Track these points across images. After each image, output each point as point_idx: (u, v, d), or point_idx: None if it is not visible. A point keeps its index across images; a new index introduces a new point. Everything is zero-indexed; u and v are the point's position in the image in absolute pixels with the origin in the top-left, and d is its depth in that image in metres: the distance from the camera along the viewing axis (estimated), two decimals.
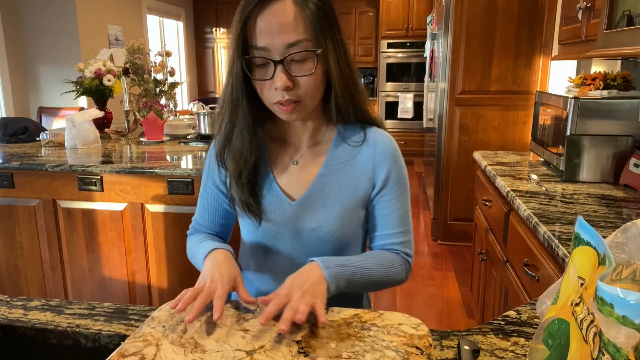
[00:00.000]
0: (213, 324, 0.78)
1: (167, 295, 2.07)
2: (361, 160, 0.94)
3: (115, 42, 4.96)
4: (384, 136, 0.96)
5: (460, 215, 3.55)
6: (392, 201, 0.96)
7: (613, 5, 1.53)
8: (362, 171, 0.94)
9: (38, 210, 2.13)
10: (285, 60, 0.82)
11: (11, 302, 0.92)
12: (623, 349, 0.42)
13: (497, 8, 3.25)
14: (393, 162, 0.95)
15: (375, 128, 0.97)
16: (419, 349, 0.70)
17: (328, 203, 0.93)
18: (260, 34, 0.81)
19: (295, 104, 0.85)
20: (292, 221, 0.93)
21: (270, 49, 0.81)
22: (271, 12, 0.80)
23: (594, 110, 1.74)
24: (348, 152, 0.95)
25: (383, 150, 0.94)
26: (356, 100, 0.92)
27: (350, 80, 0.89)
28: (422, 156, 5.60)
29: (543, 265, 1.33)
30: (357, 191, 0.94)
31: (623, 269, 0.49)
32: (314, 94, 0.87)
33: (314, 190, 0.94)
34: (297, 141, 0.97)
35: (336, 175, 0.94)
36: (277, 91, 0.84)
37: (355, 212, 0.94)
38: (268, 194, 0.95)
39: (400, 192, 0.97)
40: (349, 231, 0.94)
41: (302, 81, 0.84)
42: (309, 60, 0.83)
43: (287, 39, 0.81)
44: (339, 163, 0.95)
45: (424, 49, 5.09)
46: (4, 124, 2.66)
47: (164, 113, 2.59)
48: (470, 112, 3.44)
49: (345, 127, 0.96)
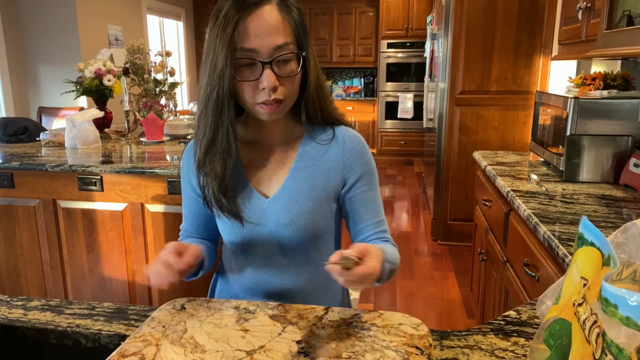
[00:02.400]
0: (213, 324, 0.78)
1: (167, 295, 2.06)
2: (331, 156, 0.99)
3: (115, 42, 4.96)
4: (352, 134, 1.02)
5: (460, 215, 3.55)
6: (367, 193, 1.01)
7: (613, 5, 1.53)
8: (332, 167, 0.99)
9: (38, 210, 2.13)
10: (273, 61, 0.86)
11: (11, 302, 0.92)
12: (626, 350, 0.42)
13: (497, 8, 3.25)
14: (363, 157, 1.01)
15: (343, 127, 1.02)
16: (419, 349, 0.70)
17: (301, 198, 0.97)
18: (248, 36, 0.85)
19: (279, 103, 0.90)
20: (267, 218, 0.97)
21: (258, 50, 0.85)
22: (259, 16, 0.85)
23: (594, 110, 1.74)
24: (317, 149, 1.00)
25: (352, 147, 1.00)
26: (324, 102, 0.98)
27: (319, 83, 0.96)
28: (422, 156, 5.60)
29: (543, 265, 1.33)
30: (327, 186, 0.99)
31: (623, 269, 0.49)
32: (294, 93, 0.93)
33: (286, 187, 0.98)
34: (269, 141, 1.01)
35: (307, 172, 0.98)
36: (263, 91, 0.88)
37: (327, 206, 0.99)
38: (243, 195, 0.98)
39: (374, 184, 1.03)
40: (321, 224, 0.99)
41: (287, 81, 0.89)
42: (292, 61, 0.89)
43: (276, 41, 0.86)
44: (310, 160, 0.99)
45: (424, 49, 5.09)
46: (4, 124, 2.66)
47: (164, 113, 2.59)
48: (470, 112, 3.44)
49: (313, 127, 1.00)
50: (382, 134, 6.63)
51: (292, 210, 0.96)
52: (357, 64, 6.95)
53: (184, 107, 6.14)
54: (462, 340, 0.77)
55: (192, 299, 0.86)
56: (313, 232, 0.98)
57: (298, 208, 0.96)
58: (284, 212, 0.96)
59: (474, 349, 0.75)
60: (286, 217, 0.96)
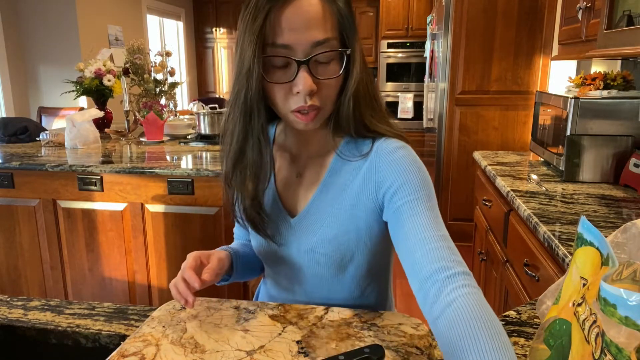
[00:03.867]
0: (213, 324, 0.78)
1: (167, 295, 2.06)
2: (362, 174, 0.82)
3: (115, 42, 4.96)
4: (390, 143, 0.81)
5: (460, 215, 3.55)
6: (415, 208, 0.74)
7: (613, 5, 1.53)
8: (362, 187, 0.81)
9: (38, 210, 2.13)
10: (310, 60, 0.72)
11: (11, 302, 0.92)
12: (625, 350, 0.42)
13: (497, 8, 3.25)
14: (400, 167, 0.78)
15: (384, 137, 0.82)
16: (419, 349, 0.70)
17: (325, 223, 0.84)
18: (282, 30, 0.71)
19: (317, 111, 0.76)
20: (289, 240, 0.87)
21: (293, 47, 0.71)
22: (297, 6, 0.71)
23: (593, 110, 1.74)
24: (349, 166, 0.84)
25: (385, 156, 0.80)
26: (360, 112, 0.80)
27: (367, 89, 0.80)
28: (422, 156, 5.58)
29: (543, 265, 1.33)
30: (355, 211, 0.82)
31: (623, 269, 0.49)
32: (334, 98, 0.78)
33: (312, 207, 0.85)
34: (303, 151, 0.88)
35: (335, 192, 0.84)
36: (297, 96, 0.74)
37: (355, 235, 0.83)
38: (271, 208, 0.88)
39: (425, 199, 0.76)
40: (347, 254, 0.84)
41: (326, 84, 0.75)
42: (334, 61, 0.75)
43: (315, 37, 0.71)
44: (339, 178, 0.84)
45: (424, 49, 5.09)
46: (4, 124, 2.66)
47: (164, 113, 2.59)
48: (470, 112, 3.44)
49: (351, 139, 0.84)
50: None
51: (314, 236, 0.84)
52: None
53: (184, 107, 6.14)
54: None
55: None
56: (337, 263, 0.84)
57: (320, 234, 0.84)
58: (305, 238, 0.85)
59: None
60: (307, 243, 0.85)
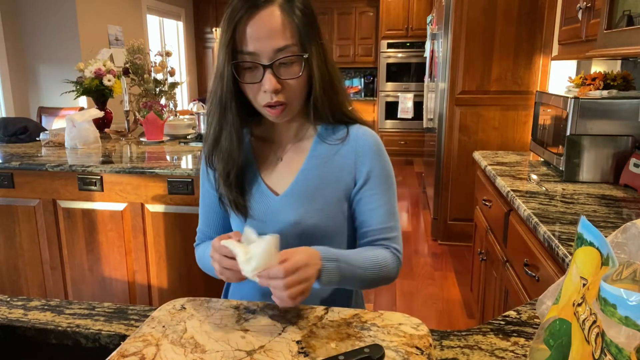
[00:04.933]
0: (213, 324, 0.78)
1: (167, 295, 2.07)
2: (342, 155, 0.97)
3: (115, 42, 4.96)
4: (366, 132, 0.99)
5: (460, 215, 3.55)
6: (376, 196, 0.97)
7: (613, 5, 1.53)
8: (343, 165, 0.97)
9: (38, 210, 2.13)
10: (273, 64, 0.85)
11: (11, 302, 0.92)
12: (625, 350, 0.42)
13: (497, 8, 3.25)
14: (375, 157, 0.97)
15: (358, 125, 0.99)
16: (419, 349, 0.70)
17: (311, 197, 0.95)
18: (249, 39, 0.85)
19: (283, 106, 0.90)
20: (276, 215, 0.96)
21: (259, 53, 0.85)
22: (260, 18, 0.84)
23: (594, 110, 1.74)
24: (329, 149, 0.98)
25: (364, 145, 0.97)
26: (335, 102, 0.95)
27: (328, 82, 0.93)
28: (422, 156, 5.60)
29: (543, 265, 1.33)
30: (338, 185, 0.96)
31: (623, 269, 0.49)
32: (299, 96, 0.91)
33: (296, 185, 0.96)
34: (282, 139, 1.01)
35: (318, 170, 0.97)
36: (266, 94, 0.88)
37: (338, 206, 0.97)
38: (254, 190, 0.98)
39: (386, 187, 0.98)
40: (332, 224, 0.96)
41: (289, 84, 0.88)
42: (295, 64, 0.87)
43: (276, 44, 0.85)
44: (321, 159, 0.97)
45: (424, 49, 5.09)
46: (4, 124, 2.66)
47: (164, 113, 2.59)
48: (470, 112, 3.44)
49: (326, 126, 0.99)
50: (382, 134, 6.63)
51: (301, 208, 0.94)
52: (357, 64, 6.95)
53: (184, 107, 6.14)
54: (462, 340, 0.77)
55: (192, 299, 0.86)
56: (322, 233, 0.95)
57: (307, 206, 0.94)
58: (292, 210, 0.95)
59: (474, 349, 0.75)
60: (294, 215, 0.94)
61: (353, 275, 0.89)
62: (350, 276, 0.89)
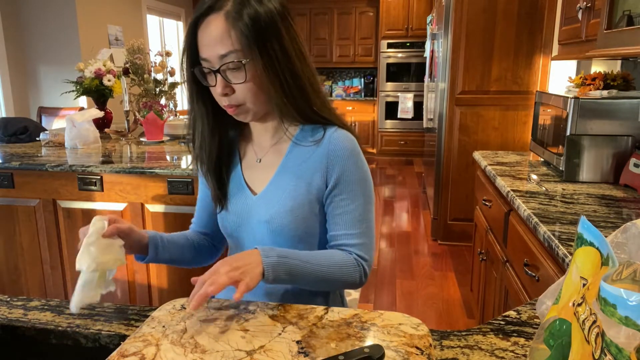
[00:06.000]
0: (213, 324, 0.78)
1: (167, 295, 2.06)
2: (316, 157, 0.97)
3: (115, 42, 4.96)
4: (342, 136, 0.97)
5: (460, 215, 3.55)
6: (346, 201, 0.97)
7: (613, 5, 1.53)
8: (316, 168, 0.97)
9: (38, 210, 2.13)
10: (220, 69, 0.89)
11: (11, 302, 0.92)
12: (625, 350, 0.42)
13: (497, 8, 3.25)
14: (347, 161, 0.96)
15: (335, 128, 0.99)
16: (419, 349, 0.70)
17: (282, 198, 0.97)
18: (201, 46, 0.90)
19: (237, 107, 0.93)
20: (250, 214, 1.00)
21: (210, 59, 0.90)
22: (207, 27, 0.89)
23: (594, 110, 1.74)
24: (305, 150, 0.99)
25: (337, 148, 0.96)
26: (300, 103, 0.94)
27: (290, 85, 0.92)
28: (422, 156, 5.60)
29: (543, 265, 1.33)
30: (310, 188, 0.97)
31: (623, 269, 0.49)
32: (253, 98, 0.93)
33: (271, 186, 1.00)
34: (261, 140, 1.05)
35: (292, 172, 0.98)
36: (220, 96, 0.93)
37: (309, 208, 0.97)
38: (235, 187, 1.04)
39: (356, 193, 0.97)
40: (302, 226, 0.97)
41: (238, 88, 0.91)
42: (241, 69, 0.89)
43: (219, 51, 0.88)
44: (296, 160, 0.99)
45: (424, 49, 5.09)
46: (4, 124, 2.66)
47: (164, 113, 2.59)
48: (470, 112, 3.44)
49: (305, 127, 1.00)
50: (382, 134, 6.63)
51: (272, 208, 0.97)
52: (357, 64, 6.94)
53: (184, 107, 6.13)
54: (462, 340, 0.77)
55: None
56: (293, 234, 0.97)
57: (278, 207, 0.97)
58: (265, 211, 0.98)
59: (474, 349, 0.75)
60: (266, 215, 0.97)
61: (304, 271, 0.90)
62: (302, 273, 0.90)
